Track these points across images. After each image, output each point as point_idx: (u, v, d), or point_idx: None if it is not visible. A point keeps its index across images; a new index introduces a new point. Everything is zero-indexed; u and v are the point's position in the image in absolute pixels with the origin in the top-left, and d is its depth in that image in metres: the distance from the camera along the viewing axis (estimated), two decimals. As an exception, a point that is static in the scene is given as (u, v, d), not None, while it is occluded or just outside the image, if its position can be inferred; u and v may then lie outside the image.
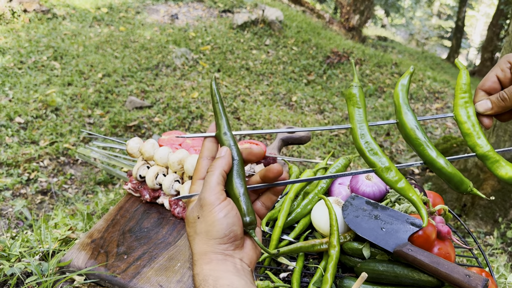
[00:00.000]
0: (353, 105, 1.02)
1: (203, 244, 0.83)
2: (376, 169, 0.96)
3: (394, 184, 0.95)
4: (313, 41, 10.55)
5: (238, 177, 0.90)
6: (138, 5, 11.16)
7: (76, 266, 1.47)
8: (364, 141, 0.99)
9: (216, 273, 0.80)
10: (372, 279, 1.28)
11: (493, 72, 1.04)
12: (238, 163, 0.92)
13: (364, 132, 1.00)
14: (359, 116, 1.01)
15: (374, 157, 0.97)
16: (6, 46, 7.83)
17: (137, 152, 1.84)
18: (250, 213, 0.87)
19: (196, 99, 7.07)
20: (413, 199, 0.94)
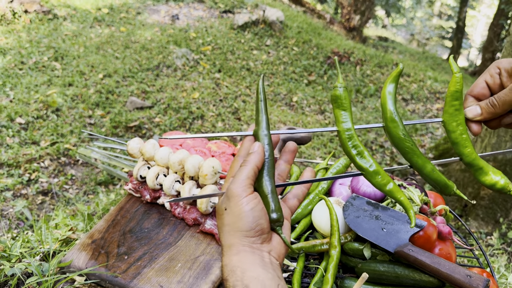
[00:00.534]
0: (339, 107, 1.00)
1: (231, 236, 0.85)
2: (365, 173, 0.96)
3: (382, 187, 0.95)
4: (314, 41, 10.54)
5: (267, 175, 0.92)
6: (139, 6, 11.17)
7: (76, 266, 1.47)
8: (352, 144, 0.98)
9: (244, 265, 0.82)
10: (373, 279, 1.28)
11: (482, 78, 1.04)
12: (269, 162, 0.94)
13: (350, 134, 0.99)
14: (345, 119, 1.00)
15: (362, 160, 0.96)
16: (7, 47, 7.84)
17: (137, 153, 1.84)
18: (277, 210, 0.88)
19: (197, 99, 7.07)
20: (401, 201, 0.94)
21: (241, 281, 0.80)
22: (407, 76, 9.66)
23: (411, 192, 1.46)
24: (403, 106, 8.40)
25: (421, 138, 6.89)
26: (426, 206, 1.44)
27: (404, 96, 8.81)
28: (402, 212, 1.39)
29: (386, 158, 6.18)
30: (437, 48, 26.01)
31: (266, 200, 0.89)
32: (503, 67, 1.00)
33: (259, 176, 0.92)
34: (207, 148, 2.01)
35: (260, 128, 0.96)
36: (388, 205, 1.46)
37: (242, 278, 0.80)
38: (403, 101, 8.66)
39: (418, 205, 1.42)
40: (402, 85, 9.20)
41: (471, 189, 4.11)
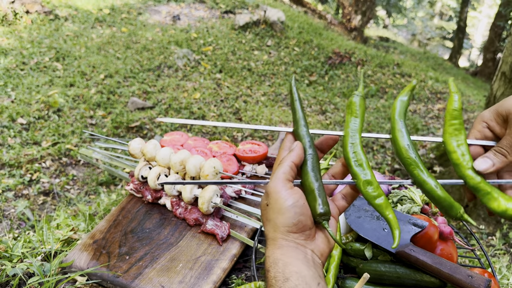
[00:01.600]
0: (351, 113, 1.01)
1: (274, 231, 0.87)
2: (356, 181, 0.95)
3: (372, 199, 0.93)
4: (315, 41, 10.54)
5: (312, 170, 0.93)
6: (140, 6, 11.18)
7: (78, 266, 1.47)
8: (352, 150, 0.97)
9: (287, 258, 0.83)
10: (375, 279, 1.28)
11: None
12: (312, 157, 0.95)
13: (355, 142, 0.98)
14: (354, 125, 1.00)
15: (358, 168, 0.95)
16: (8, 47, 7.84)
17: (139, 153, 1.84)
18: (324, 204, 0.89)
19: (198, 100, 7.07)
20: (389, 218, 0.91)
21: (282, 274, 0.81)
22: (408, 77, 9.65)
23: (412, 193, 1.46)
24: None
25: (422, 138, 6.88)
26: (428, 206, 1.44)
27: (405, 97, 8.80)
28: (403, 212, 1.39)
29: (387, 159, 6.17)
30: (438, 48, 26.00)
31: (312, 195, 0.90)
32: (488, 119, 1.01)
33: (304, 171, 0.93)
34: (208, 148, 2.01)
35: (298, 126, 0.99)
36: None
37: (284, 271, 0.81)
38: (404, 101, 8.65)
39: (420, 206, 1.42)
40: (403, 86, 9.20)
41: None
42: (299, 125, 0.99)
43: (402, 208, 1.42)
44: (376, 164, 5.93)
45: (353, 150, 0.97)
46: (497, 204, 0.92)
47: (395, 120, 1.01)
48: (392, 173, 5.52)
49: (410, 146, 0.98)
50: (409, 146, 0.98)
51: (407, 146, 0.97)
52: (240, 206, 1.70)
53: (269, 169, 2.01)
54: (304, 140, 0.97)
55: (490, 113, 1.01)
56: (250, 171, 1.94)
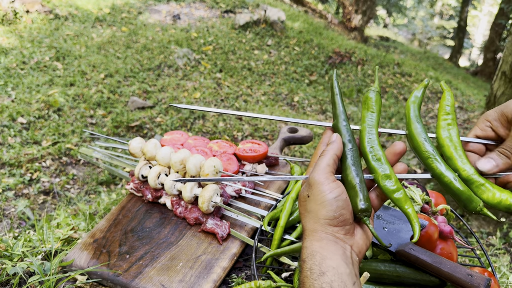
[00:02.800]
0: (367, 108, 1.02)
1: (314, 223, 0.86)
2: (375, 175, 0.95)
3: (391, 193, 0.92)
4: (315, 41, 10.54)
5: (354, 165, 0.93)
6: (140, 6, 11.18)
7: (78, 265, 1.47)
8: (370, 145, 0.98)
9: (325, 252, 0.83)
10: (374, 279, 1.28)
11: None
12: (353, 151, 0.95)
13: (372, 137, 0.99)
14: (370, 120, 1.01)
15: (376, 163, 0.95)
16: (8, 47, 7.85)
17: (139, 152, 1.84)
18: (366, 199, 0.89)
19: (198, 99, 7.07)
20: (408, 212, 0.91)
21: (318, 267, 0.81)
22: (408, 76, 9.66)
23: (413, 192, 1.46)
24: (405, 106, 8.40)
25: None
26: (428, 205, 1.44)
27: (406, 96, 8.81)
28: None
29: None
30: (438, 48, 26.00)
31: (354, 190, 0.90)
32: (492, 119, 1.02)
33: (344, 166, 0.93)
34: (209, 147, 2.01)
35: (339, 120, 1.00)
36: (390, 205, 1.46)
37: (320, 264, 0.81)
38: (404, 100, 8.66)
39: (420, 205, 1.42)
40: (404, 85, 9.20)
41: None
42: (339, 120, 1.00)
43: (402, 207, 1.42)
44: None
45: (370, 145, 0.98)
46: (491, 195, 0.93)
47: (410, 117, 1.02)
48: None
49: (426, 140, 0.99)
50: (425, 140, 0.99)
51: (423, 140, 0.98)
52: (240, 205, 1.70)
53: (269, 169, 2.01)
54: (345, 135, 0.97)
55: (494, 113, 1.01)
56: (250, 170, 1.94)
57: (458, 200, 0.94)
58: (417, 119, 1.02)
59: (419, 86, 1.06)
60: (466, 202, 0.93)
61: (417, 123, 1.01)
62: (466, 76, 14.51)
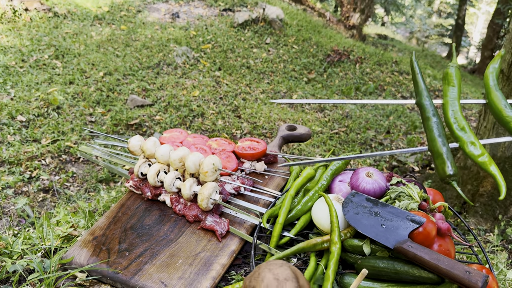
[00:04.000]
0: (448, 83, 1.09)
1: None
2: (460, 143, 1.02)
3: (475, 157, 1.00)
4: (314, 39, 10.54)
5: (439, 136, 1.03)
6: (139, 4, 11.17)
7: (78, 263, 1.48)
8: (454, 117, 1.05)
9: None
10: (373, 275, 1.29)
11: None
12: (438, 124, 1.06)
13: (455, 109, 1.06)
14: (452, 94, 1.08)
15: (460, 132, 1.02)
16: (7, 45, 7.84)
17: (138, 150, 1.84)
18: (453, 165, 1.00)
19: (197, 97, 7.07)
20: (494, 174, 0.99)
21: None
22: (406, 74, 9.66)
23: (410, 189, 1.47)
24: (403, 104, 8.40)
25: (420, 135, 6.89)
26: (425, 203, 1.45)
27: (404, 94, 8.81)
28: (401, 209, 1.40)
29: (385, 156, 6.18)
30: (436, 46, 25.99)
31: (441, 158, 1.00)
32: None
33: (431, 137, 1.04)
34: (208, 145, 2.02)
35: (422, 97, 1.10)
36: (388, 202, 1.47)
37: None
38: (402, 98, 8.66)
39: (418, 202, 1.43)
40: (402, 83, 9.21)
41: (470, 187, 4.12)
42: (422, 96, 1.10)
43: (400, 204, 1.43)
44: (374, 161, 5.94)
45: (454, 116, 1.04)
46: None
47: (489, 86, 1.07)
48: (390, 170, 5.53)
49: (507, 106, 1.04)
50: (505, 106, 1.04)
51: (504, 106, 1.03)
52: (239, 202, 1.71)
53: (268, 166, 2.02)
54: (428, 109, 1.07)
55: None
56: (249, 168, 1.94)
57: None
58: (496, 88, 1.07)
59: (495, 57, 1.13)
60: None
61: (496, 92, 1.06)
62: (463, 74, 14.51)
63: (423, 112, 1.16)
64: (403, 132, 6.99)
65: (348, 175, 1.69)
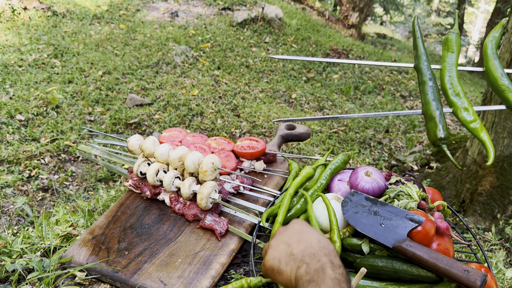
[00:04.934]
0: (448, 49, 1.12)
1: None
2: (454, 108, 1.04)
3: (467, 123, 1.02)
4: (313, 38, 10.54)
5: (434, 100, 1.06)
6: (138, 3, 11.16)
7: (77, 262, 1.48)
8: (450, 82, 1.07)
9: None
10: (372, 274, 1.29)
11: None
12: (433, 88, 1.08)
13: (452, 75, 1.08)
14: (450, 60, 1.10)
15: (455, 97, 1.04)
16: (6, 44, 7.83)
17: (137, 149, 1.85)
18: (445, 129, 1.03)
19: (196, 96, 7.07)
20: (484, 140, 1.01)
21: None
22: (405, 73, 9.66)
23: (409, 188, 1.47)
24: (401, 103, 8.42)
25: (419, 134, 6.90)
26: (424, 201, 1.45)
27: (403, 93, 8.82)
28: (400, 207, 1.40)
29: (384, 155, 6.19)
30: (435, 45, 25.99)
31: (433, 122, 1.03)
32: None
33: (425, 101, 1.06)
34: (207, 144, 2.02)
35: (420, 61, 1.11)
36: (387, 201, 1.47)
37: None
38: (401, 97, 8.67)
39: (416, 201, 1.43)
40: (401, 82, 9.21)
41: (468, 185, 4.12)
42: (421, 60, 1.11)
43: (399, 203, 1.44)
44: (373, 160, 5.94)
45: (450, 81, 1.06)
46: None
47: (487, 54, 1.09)
48: (389, 169, 5.54)
49: (503, 74, 1.06)
50: (502, 74, 1.05)
51: (500, 75, 1.05)
52: (239, 201, 1.71)
53: (267, 165, 2.02)
54: (425, 73, 1.08)
55: None
56: (248, 167, 1.95)
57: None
58: (494, 56, 1.09)
59: (496, 26, 1.14)
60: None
61: (494, 60, 1.08)
62: (462, 73, 14.51)
63: (420, 76, 1.17)
64: (402, 131, 6.99)
65: (347, 174, 1.69)
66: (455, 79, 1.06)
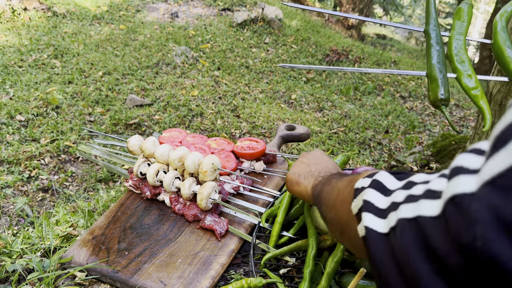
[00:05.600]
0: (459, 18, 1.13)
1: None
2: (458, 74, 1.05)
3: (469, 90, 1.03)
4: (313, 39, 10.55)
5: (438, 63, 1.07)
6: (138, 3, 11.17)
7: (77, 262, 1.48)
8: (456, 50, 1.09)
9: None
10: (371, 275, 1.29)
11: None
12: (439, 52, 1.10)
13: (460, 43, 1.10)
14: (460, 29, 1.12)
15: (460, 64, 1.05)
16: (6, 44, 7.84)
17: (138, 150, 1.85)
18: (446, 91, 1.03)
19: (196, 97, 7.08)
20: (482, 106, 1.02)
21: None
22: (404, 74, 9.67)
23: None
24: (401, 103, 8.42)
25: (419, 135, 6.90)
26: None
27: (402, 94, 8.82)
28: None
29: (384, 155, 6.19)
30: (436, 46, 25.98)
31: (436, 83, 1.02)
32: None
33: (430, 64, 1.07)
34: (207, 145, 2.02)
35: (429, 25, 1.14)
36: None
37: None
38: (401, 98, 8.68)
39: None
40: (400, 83, 9.21)
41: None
42: (430, 25, 1.14)
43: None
44: (373, 160, 5.95)
45: (457, 49, 1.08)
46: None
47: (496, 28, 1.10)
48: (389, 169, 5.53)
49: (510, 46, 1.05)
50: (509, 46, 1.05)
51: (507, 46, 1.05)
52: (239, 202, 1.72)
53: (267, 166, 2.02)
54: (433, 37, 1.11)
55: None
56: (248, 167, 1.95)
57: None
58: (503, 30, 1.10)
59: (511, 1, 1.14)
60: None
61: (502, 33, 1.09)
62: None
63: (428, 40, 1.19)
64: (402, 132, 7.00)
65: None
66: (462, 47, 1.09)
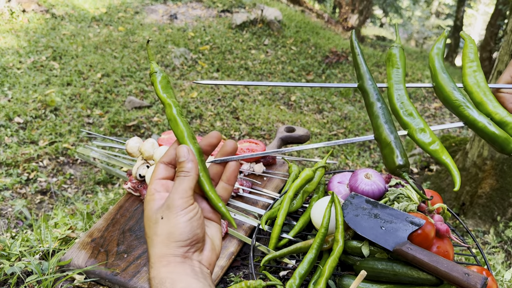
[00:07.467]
0: (392, 65, 1.03)
1: (163, 247, 0.81)
2: (409, 130, 0.95)
3: (426, 146, 0.92)
4: (312, 40, 10.55)
5: (386, 123, 0.93)
6: (137, 5, 11.17)
7: (76, 265, 1.47)
8: (400, 101, 0.98)
9: (174, 275, 0.78)
10: (371, 277, 1.29)
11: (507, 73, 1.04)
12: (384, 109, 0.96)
13: (401, 93, 0.99)
14: (396, 77, 1.02)
15: (408, 118, 0.96)
16: (5, 46, 7.83)
17: (136, 152, 1.84)
18: (403, 155, 0.89)
19: (195, 99, 7.07)
20: (446, 163, 0.91)
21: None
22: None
23: (409, 191, 1.47)
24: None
25: (419, 137, 6.90)
26: (424, 204, 1.45)
27: (402, 95, 8.82)
28: (400, 210, 1.40)
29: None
30: (435, 48, 26.01)
31: (389, 148, 0.90)
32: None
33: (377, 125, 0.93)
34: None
35: (364, 80, 1.00)
36: (387, 204, 1.47)
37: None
38: (401, 100, 8.67)
39: (416, 204, 1.42)
40: (400, 84, 9.22)
41: (468, 188, 4.12)
42: (365, 79, 1.00)
43: (399, 206, 1.43)
44: (373, 162, 5.94)
45: (400, 101, 0.98)
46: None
47: (435, 68, 1.02)
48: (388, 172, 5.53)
49: (455, 88, 0.99)
50: (454, 88, 0.99)
51: (452, 89, 0.99)
52: (238, 204, 1.71)
53: (267, 168, 2.02)
54: (372, 94, 0.98)
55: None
56: (248, 169, 1.94)
57: (494, 144, 0.93)
58: (443, 70, 1.02)
59: (439, 37, 1.08)
60: (503, 145, 0.92)
61: (443, 74, 1.01)
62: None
63: (366, 97, 1.06)
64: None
65: (347, 176, 1.68)
66: (405, 98, 0.99)
